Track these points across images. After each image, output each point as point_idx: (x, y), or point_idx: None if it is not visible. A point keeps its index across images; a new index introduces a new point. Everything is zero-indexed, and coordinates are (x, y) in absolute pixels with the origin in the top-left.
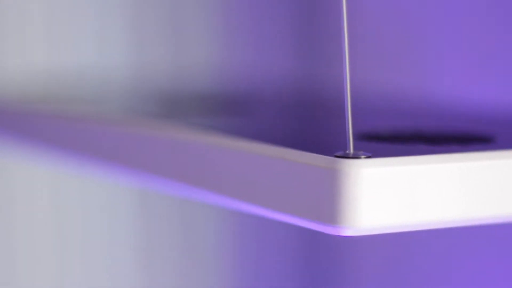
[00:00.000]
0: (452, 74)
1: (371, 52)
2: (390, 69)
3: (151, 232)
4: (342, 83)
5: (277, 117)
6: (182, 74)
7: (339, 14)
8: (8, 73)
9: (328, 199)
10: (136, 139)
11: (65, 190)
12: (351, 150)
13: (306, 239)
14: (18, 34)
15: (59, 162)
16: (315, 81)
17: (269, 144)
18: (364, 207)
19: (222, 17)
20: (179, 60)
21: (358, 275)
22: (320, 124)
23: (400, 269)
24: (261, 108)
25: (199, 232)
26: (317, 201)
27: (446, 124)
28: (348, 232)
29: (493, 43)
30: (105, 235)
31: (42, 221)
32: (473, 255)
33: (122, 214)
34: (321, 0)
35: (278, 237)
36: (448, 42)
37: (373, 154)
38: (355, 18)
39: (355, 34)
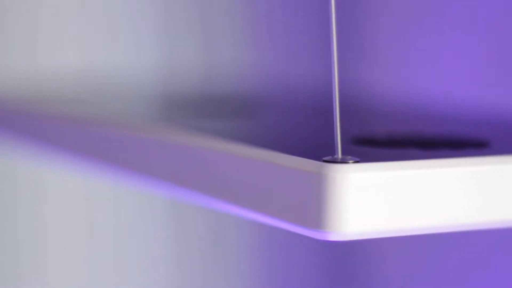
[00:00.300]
0: (451, 77)
1: (367, 55)
2: (387, 73)
3: (179, 242)
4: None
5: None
6: (210, 77)
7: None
8: (39, 73)
9: (314, 204)
10: (133, 141)
11: (95, 198)
12: (339, 154)
13: (332, 252)
14: (51, 35)
15: (72, 166)
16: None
17: (261, 147)
18: (350, 212)
19: (248, 21)
20: (209, 63)
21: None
22: (329, 128)
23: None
24: (279, 111)
25: (227, 244)
26: (303, 206)
27: (443, 128)
28: (334, 237)
29: (491, 46)
30: (135, 243)
31: (73, 227)
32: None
33: (151, 224)
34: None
35: (305, 248)
36: (446, 46)
37: (364, 158)
38: (354, 21)
39: (352, 36)
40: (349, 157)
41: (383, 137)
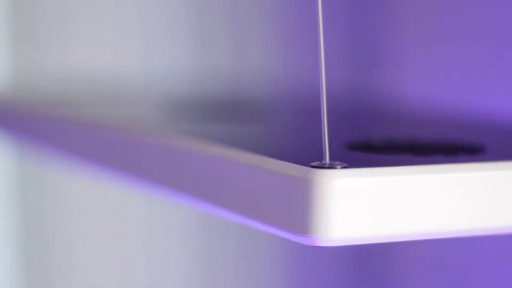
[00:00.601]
0: (447, 81)
1: (363, 59)
2: (385, 77)
3: (210, 255)
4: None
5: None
6: (241, 81)
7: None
8: (72, 77)
9: (300, 209)
10: (130, 145)
11: (128, 208)
12: (327, 160)
13: (365, 268)
14: (85, 36)
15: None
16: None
17: (251, 152)
18: (336, 218)
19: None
20: (241, 67)
21: None
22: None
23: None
24: (301, 115)
25: (258, 257)
26: (290, 211)
27: (439, 132)
28: (320, 242)
29: (488, 50)
30: (167, 255)
31: (105, 239)
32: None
33: (184, 236)
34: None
35: (335, 263)
36: (439, 51)
37: (354, 164)
38: (352, 26)
39: (349, 40)
40: (337, 162)
41: (377, 142)
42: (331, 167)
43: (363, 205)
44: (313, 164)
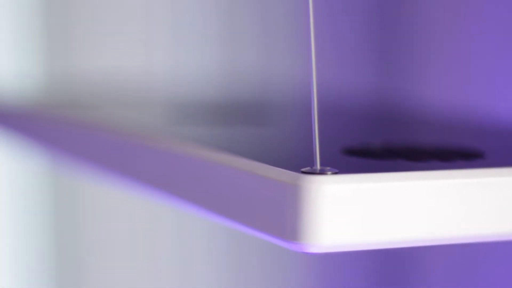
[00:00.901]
0: (468, 87)
1: (359, 62)
2: (383, 80)
3: (241, 270)
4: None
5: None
6: (270, 84)
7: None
8: (102, 77)
9: (289, 215)
10: (127, 146)
11: (159, 221)
12: (318, 165)
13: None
14: (116, 39)
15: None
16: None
17: (243, 156)
18: (326, 224)
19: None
20: (269, 71)
21: None
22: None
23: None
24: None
25: (285, 270)
26: (280, 217)
27: (441, 137)
28: (310, 249)
29: (508, 55)
30: (198, 269)
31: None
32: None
33: (214, 250)
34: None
35: (360, 276)
36: (444, 55)
37: (348, 169)
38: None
39: (344, 43)
40: (328, 168)
41: (374, 147)
42: (321, 173)
43: (353, 211)
44: (303, 169)
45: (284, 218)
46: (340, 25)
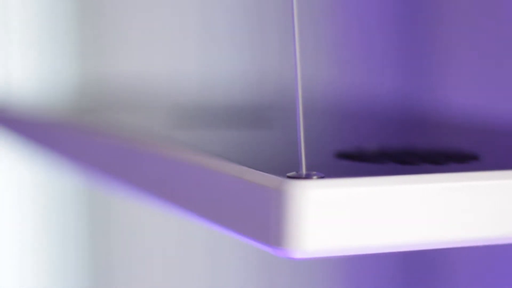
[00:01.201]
0: (463, 87)
1: (378, 65)
2: (403, 82)
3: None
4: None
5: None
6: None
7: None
8: (130, 81)
9: (274, 220)
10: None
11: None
12: (304, 170)
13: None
14: (147, 41)
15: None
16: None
17: (231, 160)
18: (310, 230)
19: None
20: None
21: None
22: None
23: None
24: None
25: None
26: (264, 222)
27: (441, 140)
28: (295, 255)
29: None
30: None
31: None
32: None
33: (241, 266)
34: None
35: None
36: (487, 59)
37: (338, 173)
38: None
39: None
40: (314, 172)
41: (366, 151)
42: (307, 177)
43: (338, 216)
44: (289, 174)
45: (268, 223)
46: (362, 28)
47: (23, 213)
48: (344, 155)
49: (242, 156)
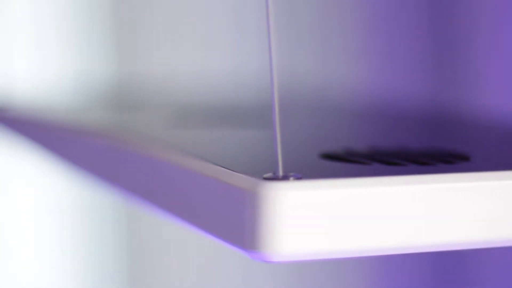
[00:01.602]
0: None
1: (413, 66)
2: (436, 83)
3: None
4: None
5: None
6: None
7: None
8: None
9: (248, 223)
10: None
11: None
12: (281, 171)
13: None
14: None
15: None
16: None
17: (209, 161)
18: (285, 233)
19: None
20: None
21: None
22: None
23: None
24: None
25: None
26: (239, 224)
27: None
28: (270, 258)
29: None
30: None
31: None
32: None
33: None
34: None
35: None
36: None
37: (307, 175)
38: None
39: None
40: (292, 173)
41: (353, 152)
42: (284, 179)
43: (314, 218)
44: (265, 175)
45: (243, 226)
46: (395, 29)
47: (61, 222)
48: (329, 156)
49: (226, 156)
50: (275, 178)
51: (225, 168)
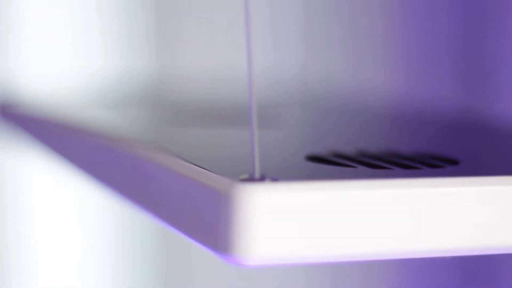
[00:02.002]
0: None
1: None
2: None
3: None
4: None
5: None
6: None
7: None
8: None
9: (222, 225)
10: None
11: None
12: (257, 173)
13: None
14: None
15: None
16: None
17: (188, 160)
18: (259, 236)
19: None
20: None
21: None
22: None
23: None
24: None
25: None
26: (214, 226)
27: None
28: (243, 262)
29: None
30: None
31: None
32: None
33: None
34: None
35: None
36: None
37: (284, 177)
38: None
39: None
40: (269, 175)
41: (341, 154)
42: (260, 180)
43: (288, 222)
44: (242, 176)
45: (217, 228)
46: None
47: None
48: (315, 158)
49: (213, 156)
50: (250, 179)
51: (202, 168)
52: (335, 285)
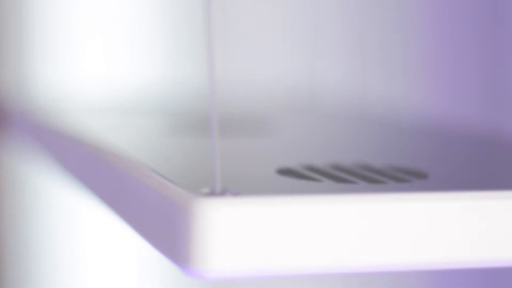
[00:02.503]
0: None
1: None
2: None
3: None
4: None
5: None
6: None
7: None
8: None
9: (181, 238)
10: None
11: None
12: (218, 186)
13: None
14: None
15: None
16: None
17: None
18: (215, 249)
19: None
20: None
21: None
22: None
23: None
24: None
25: None
26: (174, 239)
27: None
28: (200, 275)
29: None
30: None
31: None
32: None
33: None
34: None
35: None
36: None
37: (247, 191)
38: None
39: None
40: (230, 189)
41: (311, 167)
42: (221, 194)
43: (245, 236)
44: (203, 190)
45: (177, 241)
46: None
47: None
48: (285, 172)
49: (189, 166)
50: (211, 193)
51: (168, 180)
52: None
